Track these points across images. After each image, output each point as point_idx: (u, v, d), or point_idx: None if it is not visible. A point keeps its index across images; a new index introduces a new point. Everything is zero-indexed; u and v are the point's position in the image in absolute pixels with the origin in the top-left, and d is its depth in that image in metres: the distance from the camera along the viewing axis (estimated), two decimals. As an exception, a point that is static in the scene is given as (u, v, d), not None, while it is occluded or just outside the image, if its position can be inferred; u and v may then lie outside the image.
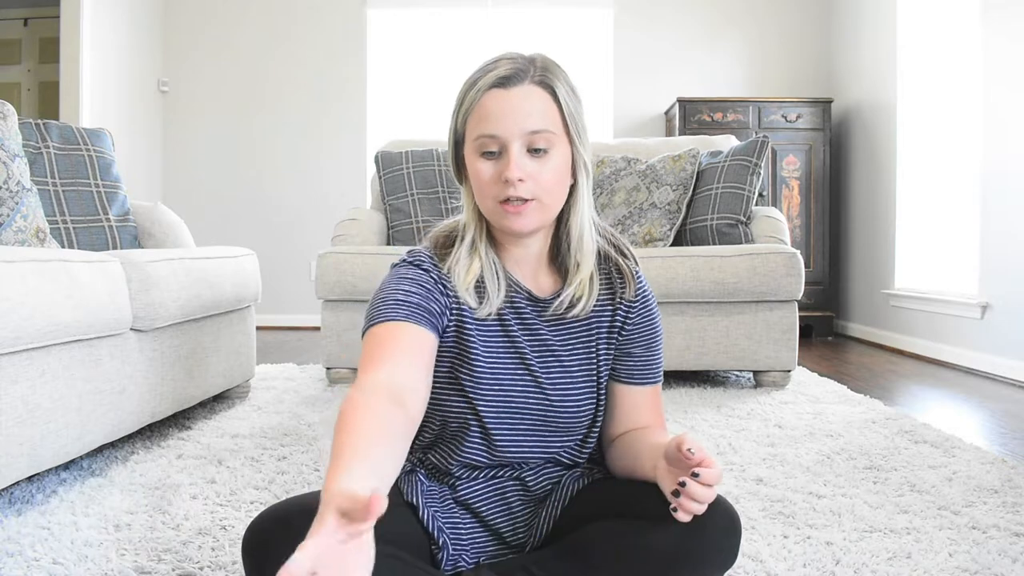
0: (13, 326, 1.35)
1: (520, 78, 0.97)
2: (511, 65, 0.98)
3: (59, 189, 2.18)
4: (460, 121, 1.01)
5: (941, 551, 1.28)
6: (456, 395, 1.02)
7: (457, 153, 1.04)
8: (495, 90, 0.97)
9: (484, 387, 1.01)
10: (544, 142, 0.97)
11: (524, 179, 0.96)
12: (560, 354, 1.04)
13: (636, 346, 1.07)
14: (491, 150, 0.97)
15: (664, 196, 3.04)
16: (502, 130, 0.96)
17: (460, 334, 1.02)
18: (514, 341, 1.03)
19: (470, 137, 1.00)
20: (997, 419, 2.43)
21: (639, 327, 1.07)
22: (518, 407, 1.02)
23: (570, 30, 5.11)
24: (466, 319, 1.02)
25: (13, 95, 5.71)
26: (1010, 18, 3.16)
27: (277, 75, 5.14)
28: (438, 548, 0.98)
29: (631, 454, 1.03)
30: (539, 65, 0.99)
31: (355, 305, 2.83)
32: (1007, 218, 3.18)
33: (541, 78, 0.98)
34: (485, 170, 0.98)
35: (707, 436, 2.07)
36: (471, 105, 0.99)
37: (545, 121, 0.97)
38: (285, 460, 1.84)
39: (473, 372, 1.01)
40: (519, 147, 0.96)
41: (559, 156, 0.99)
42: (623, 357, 1.07)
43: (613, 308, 1.06)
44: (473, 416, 1.01)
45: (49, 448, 1.49)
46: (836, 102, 4.81)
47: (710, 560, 0.90)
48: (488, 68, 0.99)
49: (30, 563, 1.22)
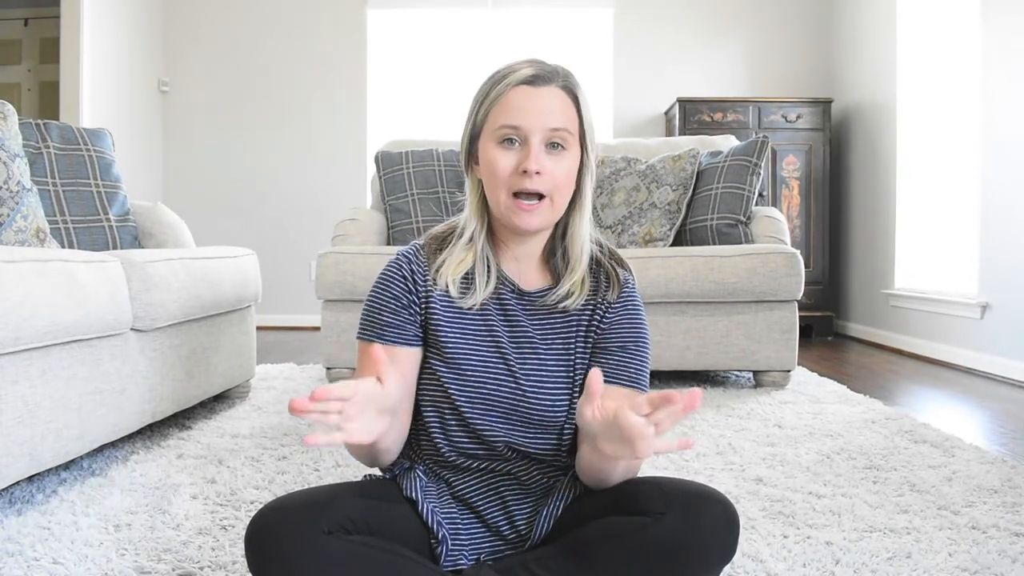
0: (14, 326, 1.35)
1: (548, 80, 1.02)
2: (539, 67, 1.03)
3: (59, 189, 2.18)
4: (482, 113, 1.04)
5: (941, 551, 1.28)
6: (434, 380, 1.06)
7: (471, 146, 1.07)
8: (524, 86, 1.02)
9: (456, 372, 1.05)
10: (562, 140, 1.02)
11: (541, 172, 1.00)
12: (537, 346, 1.07)
13: (611, 343, 1.08)
14: (511, 138, 1.01)
15: (664, 196, 3.04)
16: (527, 123, 1.00)
17: (435, 322, 1.06)
18: (492, 330, 1.06)
19: (490, 127, 1.03)
20: (997, 419, 2.43)
21: (615, 324, 1.08)
22: (491, 394, 1.05)
23: (570, 30, 5.11)
24: (443, 307, 1.06)
25: (13, 95, 5.71)
26: (1009, 18, 3.17)
27: (277, 75, 5.15)
28: (437, 542, 0.99)
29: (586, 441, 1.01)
30: (563, 73, 1.05)
31: (355, 305, 2.83)
32: (1007, 218, 3.18)
33: (566, 84, 1.04)
34: (503, 160, 1.01)
35: (707, 436, 2.08)
36: (497, 97, 1.02)
37: (566, 121, 1.02)
38: (285, 460, 1.84)
39: (445, 358, 1.05)
40: (539, 142, 1.01)
41: (572, 158, 1.04)
42: (598, 352, 1.08)
43: (594, 307, 1.09)
44: (447, 402, 1.05)
45: (49, 448, 1.49)
46: (836, 102, 4.81)
47: (709, 555, 0.91)
48: (514, 68, 1.03)
49: (30, 563, 1.22)
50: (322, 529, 0.88)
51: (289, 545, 0.87)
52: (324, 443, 0.76)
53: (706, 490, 0.94)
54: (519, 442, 1.06)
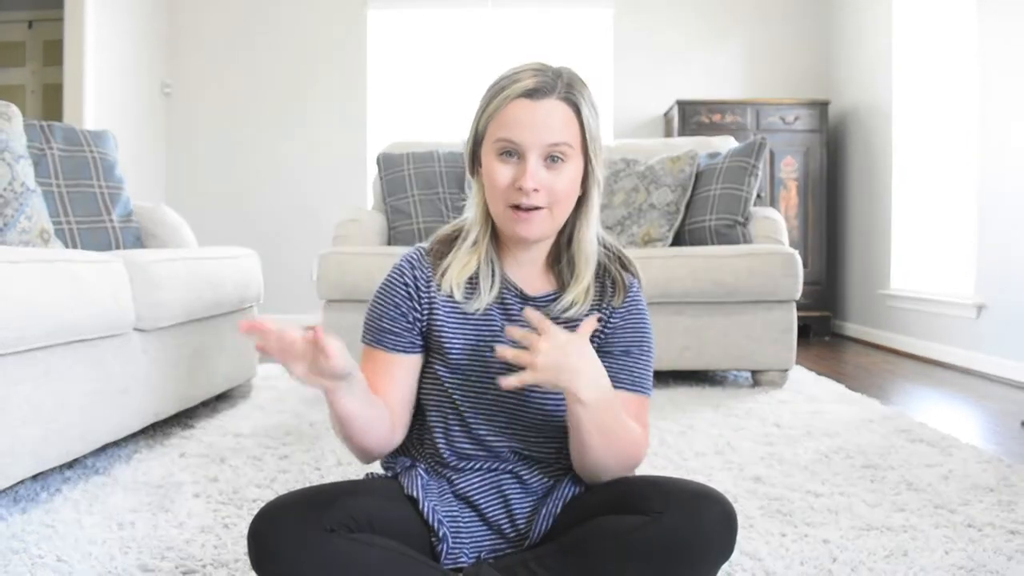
0: (17, 326, 1.36)
1: (547, 92, 1.00)
2: (539, 77, 1.00)
3: (63, 190, 2.19)
4: (483, 122, 1.04)
5: (937, 549, 1.29)
6: (437, 383, 1.07)
7: (475, 151, 1.07)
8: (522, 100, 1.00)
9: (459, 376, 1.06)
10: (561, 154, 1.00)
11: (539, 189, 0.99)
12: None
13: (614, 347, 1.08)
14: (509, 151, 1.01)
15: (663, 197, 3.05)
16: (524, 138, 0.99)
17: (438, 326, 1.06)
18: (496, 335, 1.06)
19: (490, 138, 1.03)
20: (993, 418, 2.45)
21: (620, 329, 1.09)
22: (493, 399, 1.05)
23: (570, 30, 5.12)
24: (447, 311, 1.07)
25: (18, 97, 5.71)
26: (1005, 20, 3.18)
27: (279, 76, 5.15)
28: (438, 540, 1.00)
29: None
30: (566, 81, 1.02)
31: (356, 305, 2.84)
32: (1003, 219, 3.20)
33: (567, 94, 1.01)
34: (501, 173, 1.01)
35: (706, 435, 2.09)
36: (496, 110, 1.01)
37: (565, 135, 1.00)
38: (287, 459, 1.85)
39: (448, 361, 1.06)
40: (536, 158, 1.00)
41: (573, 168, 1.02)
42: (602, 357, 1.07)
43: (599, 313, 1.09)
44: (451, 405, 1.06)
45: (53, 447, 1.50)
46: (833, 104, 4.82)
47: (707, 554, 0.92)
48: (515, 77, 1.01)
49: (35, 560, 1.23)
50: (324, 527, 0.89)
51: (291, 543, 0.87)
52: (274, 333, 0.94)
53: (705, 489, 0.95)
54: (522, 447, 1.07)
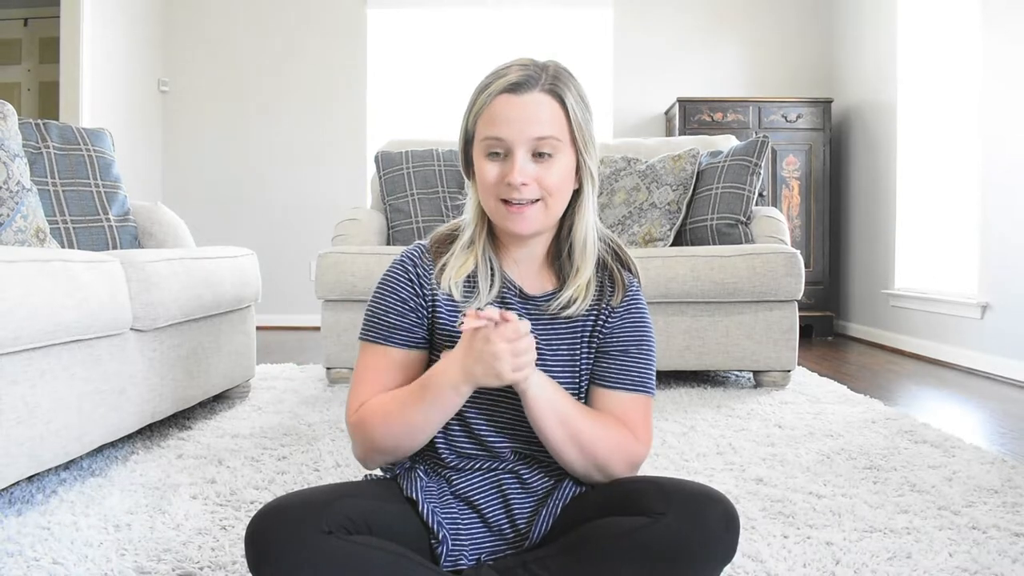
0: (13, 326, 1.35)
1: (530, 85, 0.99)
2: (523, 72, 1.00)
3: (59, 189, 2.18)
4: (471, 121, 1.04)
5: (941, 551, 1.28)
6: None
7: (467, 151, 1.07)
8: (505, 95, 0.99)
9: None
10: (549, 148, 1.00)
11: (527, 183, 0.99)
12: (543, 353, 1.06)
13: (613, 347, 1.08)
14: (496, 151, 1.00)
15: (664, 196, 3.04)
16: (509, 134, 0.99)
17: (440, 325, 1.06)
18: None
19: (478, 137, 1.03)
20: (997, 419, 2.43)
21: (618, 328, 1.08)
22: (495, 400, 1.04)
23: (570, 30, 5.11)
24: (447, 311, 1.06)
25: (13, 95, 5.71)
26: (1010, 19, 3.17)
27: (277, 75, 5.15)
28: (437, 542, 0.99)
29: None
30: (551, 73, 1.01)
31: (355, 305, 2.83)
32: (1007, 218, 3.18)
33: (552, 87, 1.00)
34: (490, 170, 1.01)
35: (707, 436, 2.08)
36: (481, 107, 1.01)
37: (551, 128, 0.99)
38: (285, 460, 1.84)
39: None
40: (524, 153, 0.99)
41: (563, 161, 1.01)
42: (600, 357, 1.08)
43: (598, 312, 1.08)
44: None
45: (49, 448, 1.49)
46: (836, 102, 4.81)
47: (709, 555, 0.91)
48: (500, 73, 1.01)
49: (30, 563, 1.22)
50: (322, 529, 0.88)
51: (289, 545, 0.87)
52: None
53: (706, 490, 0.94)
54: (523, 446, 1.06)
